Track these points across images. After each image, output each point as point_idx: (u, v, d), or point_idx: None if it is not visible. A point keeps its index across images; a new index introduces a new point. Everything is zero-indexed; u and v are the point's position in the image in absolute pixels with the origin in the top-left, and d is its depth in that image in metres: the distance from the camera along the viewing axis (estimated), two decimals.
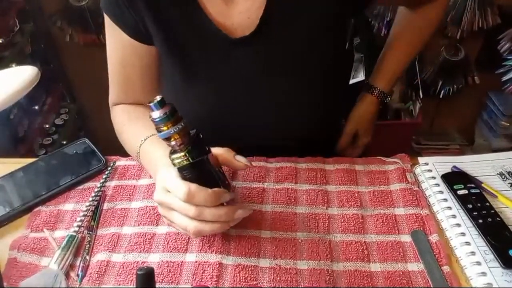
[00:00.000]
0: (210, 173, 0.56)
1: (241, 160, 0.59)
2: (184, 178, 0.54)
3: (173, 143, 0.52)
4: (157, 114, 0.51)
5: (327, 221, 0.64)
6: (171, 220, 0.57)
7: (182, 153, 0.53)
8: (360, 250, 0.61)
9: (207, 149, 0.56)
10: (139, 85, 0.77)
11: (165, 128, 0.51)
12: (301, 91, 0.73)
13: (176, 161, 0.53)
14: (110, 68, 0.77)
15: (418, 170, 0.72)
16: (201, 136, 0.55)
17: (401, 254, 0.60)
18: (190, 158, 0.53)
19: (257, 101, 0.73)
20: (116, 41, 0.73)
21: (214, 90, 0.74)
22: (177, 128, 0.51)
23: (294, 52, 0.70)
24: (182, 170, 0.54)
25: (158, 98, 0.51)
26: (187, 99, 0.75)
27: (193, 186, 0.53)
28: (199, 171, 0.54)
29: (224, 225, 0.56)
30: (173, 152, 0.54)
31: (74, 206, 0.69)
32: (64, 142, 1.59)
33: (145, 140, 0.68)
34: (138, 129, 0.71)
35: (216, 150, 0.58)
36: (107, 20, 0.71)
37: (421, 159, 0.73)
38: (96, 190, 0.70)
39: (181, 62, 0.72)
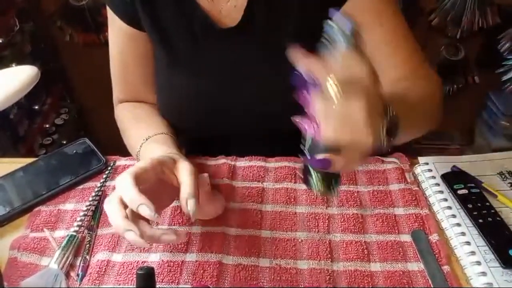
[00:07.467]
0: None
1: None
2: None
3: None
4: None
5: (327, 221, 0.64)
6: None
7: None
8: (360, 250, 0.61)
9: None
10: (137, 75, 0.79)
11: None
12: (284, 83, 0.71)
13: None
14: (111, 62, 0.79)
15: (418, 169, 0.72)
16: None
17: (401, 253, 0.60)
18: None
19: (240, 91, 0.73)
20: (116, 31, 0.76)
21: (196, 79, 0.74)
22: None
23: (279, 46, 0.61)
24: None
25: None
26: (171, 87, 0.76)
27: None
28: None
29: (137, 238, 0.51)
30: None
31: (74, 205, 0.69)
32: (64, 142, 1.59)
33: (146, 140, 0.68)
34: (140, 129, 0.72)
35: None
36: (109, 12, 0.74)
37: (421, 159, 0.73)
38: (96, 189, 0.70)
39: (167, 48, 0.73)
